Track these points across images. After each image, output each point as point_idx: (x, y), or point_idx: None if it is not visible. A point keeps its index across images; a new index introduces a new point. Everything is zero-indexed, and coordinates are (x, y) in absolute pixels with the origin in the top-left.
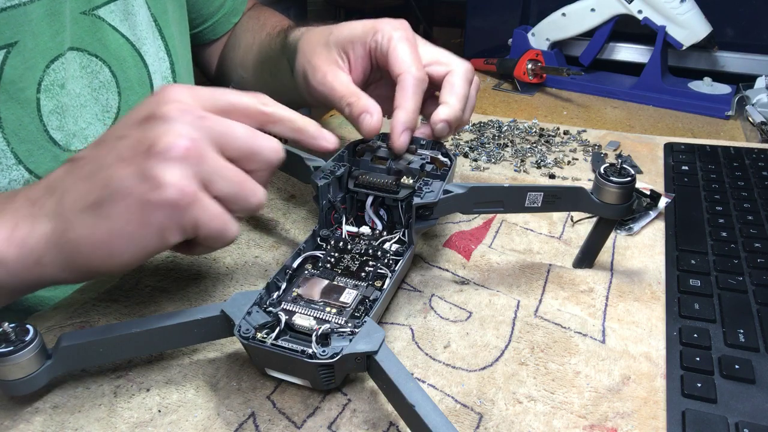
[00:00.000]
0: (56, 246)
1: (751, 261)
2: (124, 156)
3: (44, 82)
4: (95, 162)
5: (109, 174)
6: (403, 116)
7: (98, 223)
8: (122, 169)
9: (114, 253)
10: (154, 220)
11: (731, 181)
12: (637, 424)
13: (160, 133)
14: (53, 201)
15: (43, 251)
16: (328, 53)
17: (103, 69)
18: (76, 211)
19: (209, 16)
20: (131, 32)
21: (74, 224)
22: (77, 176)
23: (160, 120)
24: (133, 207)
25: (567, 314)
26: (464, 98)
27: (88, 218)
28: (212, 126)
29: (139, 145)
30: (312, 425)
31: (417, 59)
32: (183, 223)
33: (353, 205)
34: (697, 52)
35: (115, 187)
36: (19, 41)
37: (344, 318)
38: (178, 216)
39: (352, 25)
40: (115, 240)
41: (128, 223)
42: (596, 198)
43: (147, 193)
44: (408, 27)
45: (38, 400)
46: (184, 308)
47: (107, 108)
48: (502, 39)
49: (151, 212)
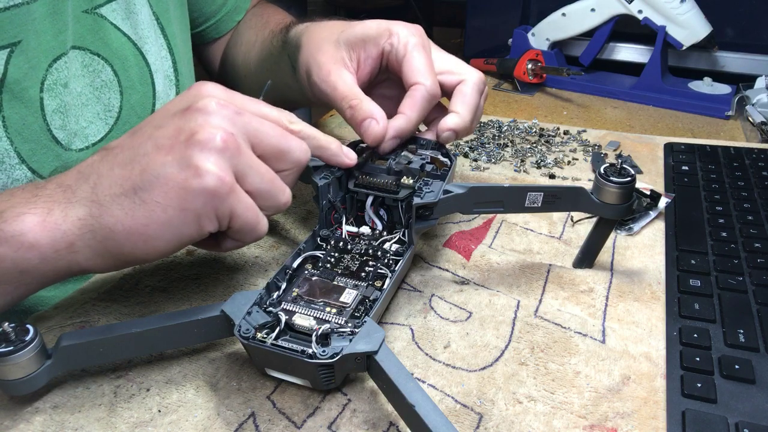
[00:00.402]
0: (90, 231)
1: (751, 261)
2: (163, 144)
3: (47, 81)
4: (132, 150)
5: (147, 160)
6: (402, 124)
7: (135, 209)
8: (162, 156)
9: (149, 240)
10: (192, 206)
11: (731, 181)
12: (637, 424)
13: (200, 123)
14: (87, 187)
15: (77, 236)
16: (335, 51)
17: (105, 68)
18: (113, 197)
19: (211, 14)
20: (133, 31)
21: (110, 209)
22: (113, 163)
23: (199, 112)
24: (172, 193)
25: (567, 314)
26: (474, 109)
27: (125, 203)
28: (248, 122)
29: (178, 134)
30: (312, 425)
31: (432, 71)
32: (220, 211)
33: (353, 205)
34: (697, 52)
35: (154, 173)
36: (23, 40)
37: (344, 318)
38: (216, 204)
39: (366, 25)
40: (151, 226)
41: (166, 210)
42: (596, 198)
43: (187, 180)
44: (423, 33)
45: (38, 400)
46: (184, 308)
47: (109, 107)
48: (502, 39)
49: (191, 199)
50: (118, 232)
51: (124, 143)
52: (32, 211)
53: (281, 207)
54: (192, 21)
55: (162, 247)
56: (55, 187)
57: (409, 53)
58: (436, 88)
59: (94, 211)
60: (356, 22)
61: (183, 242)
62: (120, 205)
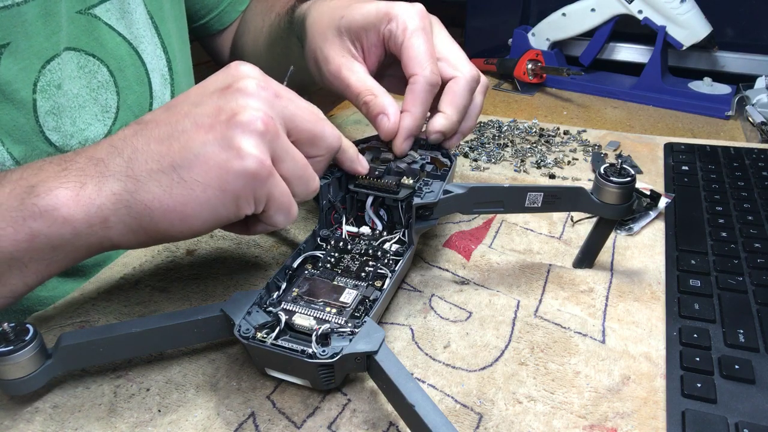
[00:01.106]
0: (126, 207)
1: (751, 261)
2: (203, 122)
3: (40, 83)
4: (169, 125)
5: (187, 138)
6: (410, 122)
7: (174, 186)
8: (202, 134)
9: (186, 218)
10: (232, 187)
11: (731, 181)
12: (637, 425)
13: (240, 104)
14: (121, 161)
15: (111, 211)
16: (340, 41)
17: (101, 68)
18: (149, 172)
19: (213, 6)
20: (128, 31)
21: (147, 186)
22: (149, 137)
23: (240, 92)
24: (213, 173)
25: (567, 314)
26: (463, 109)
27: (163, 180)
28: (285, 106)
29: (219, 113)
30: (312, 425)
31: (430, 57)
32: (258, 194)
33: (353, 205)
34: (697, 52)
35: (194, 151)
36: (11, 42)
37: (344, 318)
38: (256, 187)
39: (365, 10)
40: (190, 205)
41: (206, 189)
42: (596, 198)
43: (229, 161)
44: (423, 14)
45: (38, 400)
46: (184, 308)
47: (106, 108)
48: (502, 39)
49: (231, 180)
50: (154, 209)
51: (159, 118)
52: (65, 185)
53: (311, 194)
54: (194, 14)
55: (198, 226)
56: (86, 161)
57: (407, 39)
58: (434, 76)
59: (130, 186)
60: (355, 5)
61: (219, 223)
62: (157, 182)
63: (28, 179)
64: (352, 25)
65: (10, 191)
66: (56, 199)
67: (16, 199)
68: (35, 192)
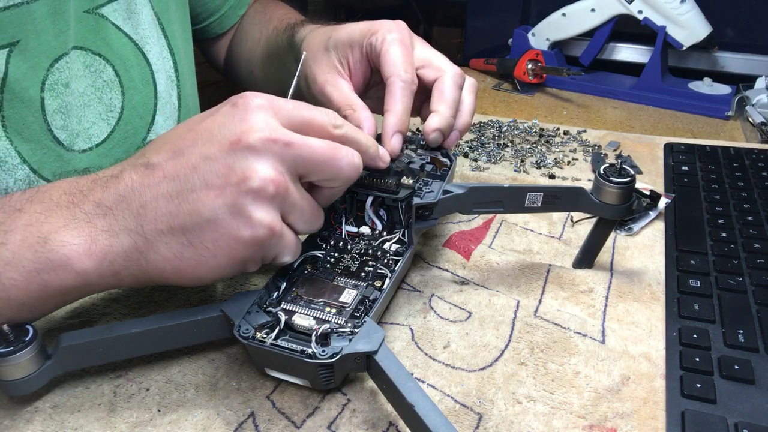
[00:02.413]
0: (136, 264)
1: (751, 261)
2: (213, 183)
3: (48, 81)
4: (178, 181)
5: (197, 199)
6: (392, 120)
7: (184, 251)
8: (213, 198)
9: (195, 278)
10: (240, 254)
11: (731, 181)
12: (637, 425)
13: (252, 168)
14: (131, 215)
15: (122, 266)
16: (328, 59)
17: (107, 68)
18: (159, 233)
19: (216, 9)
20: (134, 31)
21: (157, 246)
22: (158, 192)
23: (249, 150)
24: (223, 241)
25: (567, 314)
26: (454, 103)
27: (173, 244)
28: (298, 154)
29: (230, 175)
30: (311, 425)
31: (407, 61)
32: (266, 255)
33: (353, 205)
34: (697, 53)
35: (206, 216)
36: (21, 40)
37: (344, 318)
38: (264, 251)
39: (351, 28)
40: (200, 269)
41: (215, 256)
42: (596, 198)
43: (239, 230)
44: (403, 28)
45: (38, 400)
46: (184, 308)
47: (111, 107)
48: (503, 39)
49: (241, 248)
50: (165, 269)
51: (168, 168)
52: (76, 240)
53: (315, 230)
54: (196, 17)
55: (206, 281)
56: (94, 209)
57: (384, 49)
58: (409, 75)
59: (140, 244)
60: (344, 25)
61: (225, 278)
62: (167, 244)
63: (38, 227)
64: (338, 43)
65: (21, 240)
66: (70, 253)
67: (29, 251)
68: (48, 246)
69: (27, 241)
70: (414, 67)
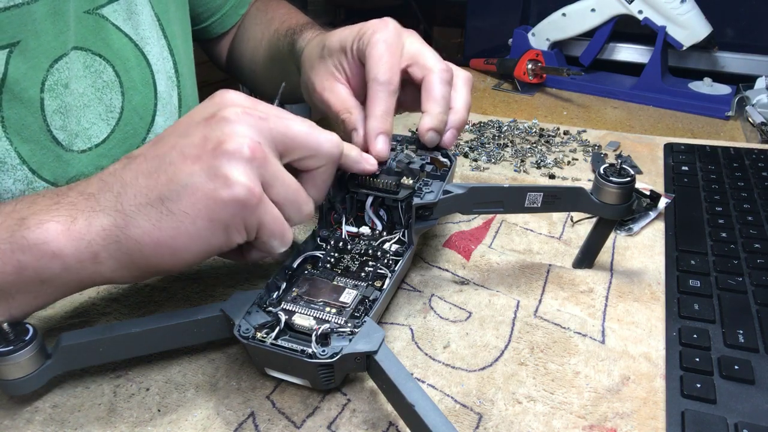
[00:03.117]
0: (116, 242)
1: (751, 261)
2: (189, 153)
3: (48, 82)
4: (156, 159)
5: (174, 170)
6: (372, 123)
7: (162, 220)
8: (188, 165)
9: (177, 252)
10: (221, 217)
11: (731, 181)
12: (637, 425)
13: (226, 133)
14: (111, 195)
15: (101, 247)
16: (324, 66)
17: (107, 69)
18: (138, 206)
19: (217, 9)
20: (134, 32)
21: (136, 220)
22: (137, 171)
23: (225, 120)
24: (201, 204)
25: (567, 314)
26: (443, 100)
27: (152, 214)
28: (273, 127)
29: (205, 143)
30: (311, 425)
31: (387, 62)
32: (248, 222)
33: (353, 205)
34: (697, 53)
35: (182, 182)
36: (22, 41)
37: (344, 318)
38: (245, 215)
39: (342, 34)
40: (179, 238)
41: (195, 221)
42: (596, 198)
43: (217, 190)
44: (390, 27)
45: (38, 400)
46: (184, 308)
47: (111, 108)
48: (503, 39)
49: (220, 209)
50: (144, 243)
51: (147, 152)
52: (55, 219)
53: (305, 218)
54: (197, 16)
55: (189, 258)
56: (77, 195)
57: (368, 52)
58: (386, 77)
59: (119, 221)
60: (336, 30)
61: (210, 253)
62: (146, 216)
63: (20, 212)
64: (331, 50)
65: (0, 223)
66: (46, 233)
67: (6, 231)
68: (25, 224)
69: (5, 223)
70: (396, 66)
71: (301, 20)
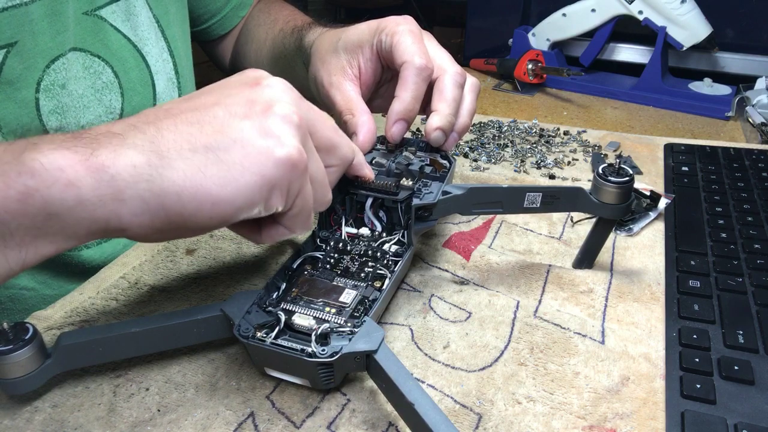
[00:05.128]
0: (147, 181)
1: (751, 262)
2: (237, 111)
3: (44, 82)
4: (196, 112)
5: (221, 123)
6: (397, 106)
7: (209, 167)
8: (238, 121)
9: (218, 202)
10: (272, 175)
11: (731, 182)
12: (636, 425)
13: (274, 98)
14: (143, 137)
15: (127, 184)
16: (336, 61)
17: (106, 70)
18: (180, 151)
19: (217, 11)
20: (133, 33)
21: (176, 163)
22: (176, 119)
23: (269, 88)
24: (253, 157)
25: (566, 315)
26: (455, 102)
27: (197, 160)
28: (309, 110)
29: (253, 104)
30: (311, 425)
31: (421, 49)
32: (292, 187)
33: (353, 206)
34: (697, 53)
35: (232, 136)
36: (19, 41)
37: (343, 318)
38: (292, 178)
39: (360, 28)
40: (227, 187)
41: (244, 173)
42: (595, 198)
43: (271, 148)
44: (412, 21)
45: (38, 399)
46: (184, 308)
47: (110, 109)
48: (503, 39)
49: (272, 166)
50: (184, 188)
51: (181, 106)
52: (73, 149)
53: (325, 204)
54: (197, 18)
55: (227, 213)
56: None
57: (396, 40)
58: (423, 61)
59: (154, 160)
60: (353, 27)
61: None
62: (189, 160)
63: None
64: (348, 44)
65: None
66: (62, 159)
67: (11, 154)
68: (37, 148)
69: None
70: (428, 54)
71: (307, 19)
